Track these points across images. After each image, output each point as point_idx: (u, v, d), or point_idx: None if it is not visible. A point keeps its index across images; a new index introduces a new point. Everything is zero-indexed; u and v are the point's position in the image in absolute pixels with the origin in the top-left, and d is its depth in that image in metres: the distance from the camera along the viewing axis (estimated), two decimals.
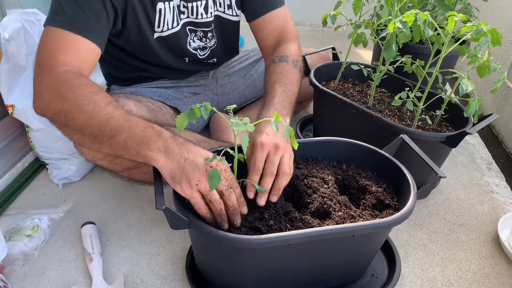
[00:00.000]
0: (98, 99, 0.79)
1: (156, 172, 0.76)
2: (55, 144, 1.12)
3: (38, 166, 1.22)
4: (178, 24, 1.06)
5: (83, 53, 0.87)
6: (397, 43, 1.05)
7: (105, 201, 1.11)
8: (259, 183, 0.78)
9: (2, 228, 0.95)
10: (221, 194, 0.74)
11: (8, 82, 1.07)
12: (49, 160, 1.16)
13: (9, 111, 1.09)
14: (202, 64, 1.22)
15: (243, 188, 0.80)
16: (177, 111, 1.17)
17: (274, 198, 0.79)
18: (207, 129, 1.34)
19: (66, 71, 0.83)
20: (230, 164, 0.76)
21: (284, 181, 0.80)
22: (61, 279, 0.89)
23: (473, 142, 1.44)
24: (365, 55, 2.12)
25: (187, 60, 1.16)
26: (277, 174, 0.80)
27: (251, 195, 0.79)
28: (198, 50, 1.15)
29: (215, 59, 1.22)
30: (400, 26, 0.93)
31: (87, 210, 1.08)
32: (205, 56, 1.18)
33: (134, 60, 1.11)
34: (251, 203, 0.80)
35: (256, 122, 0.81)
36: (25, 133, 1.17)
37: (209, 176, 0.69)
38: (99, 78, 1.44)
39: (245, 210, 0.77)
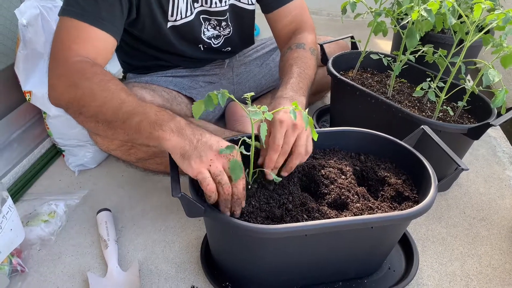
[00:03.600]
0: (111, 87, 0.79)
1: (172, 159, 0.75)
2: (71, 131, 1.12)
3: (55, 152, 1.23)
4: (192, 13, 1.04)
5: (97, 43, 0.87)
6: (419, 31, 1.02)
7: (121, 188, 1.11)
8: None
9: (20, 213, 0.96)
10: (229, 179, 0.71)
11: (26, 68, 1.08)
12: (65, 147, 1.16)
13: (27, 97, 1.09)
14: (217, 53, 1.20)
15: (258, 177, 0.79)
16: (192, 101, 1.17)
17: (285, 174, 0.80)
18: (222, 119, 1.33)
19: (79, 61, 0.82)
20: (248, 153, 0.74)
21: (297, 161, 0.79)
22: (77, 265, 0.90)
23: (494, 135, 1.40)
24: (384, 45, 2.08)
25: (202, 48, 1.15)
26: (291, 153, 0.79)
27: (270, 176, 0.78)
28: (212, 39, 1.14)
29: (229, 48, 1.20)
30: (425, 14, 0.90)
31: (102, 197, 1.08)
32: (219, 44, 1.16)
33: (149, 49, 1.11)
34: (269, 193, 0.79)
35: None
36: (42, 119, 1.17)
37: (231, 166, 0.68)
38: (113, 68, 1.44)
39: (244, 203, 0.74)
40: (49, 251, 0.92)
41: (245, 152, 0.72)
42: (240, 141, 0.74)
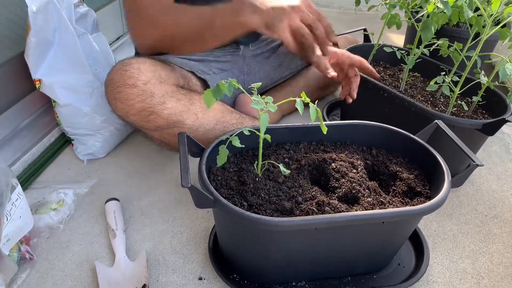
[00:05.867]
0: (181, 9, 0.96)
1: (182, 149, 0.74)
2: (80, 120, 1.12)
3: (64, 141, 1.23)
4: None
5: None
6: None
7: (129, 178, 1.11)
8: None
9: (29, 201, 0.96)
10: (309, 27, 0.85)
11: (36, 56, 1.07)
12: (74, 136, 1.16)
13: (37, 86, 1.09)
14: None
15: (268, 172, 0.78)
16: (204, 84, 1.15)
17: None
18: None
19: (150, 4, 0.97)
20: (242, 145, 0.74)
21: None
22: (84, 253, 0.90)
23: (508, 132, 1.37)
24: (396, 39, 2.05)
25: None
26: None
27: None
28: None
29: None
30: (441, 6, 0.88)
31: (111, 186, 1.08)
32: None
33: None
34: (278, 185, 0.78)
35: None
36: (52, 108, 1.17)
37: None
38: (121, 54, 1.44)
39: (333, 39, 0.89)
40: (57, 239, 0.93)
41: (238, 145, 0.74)
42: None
